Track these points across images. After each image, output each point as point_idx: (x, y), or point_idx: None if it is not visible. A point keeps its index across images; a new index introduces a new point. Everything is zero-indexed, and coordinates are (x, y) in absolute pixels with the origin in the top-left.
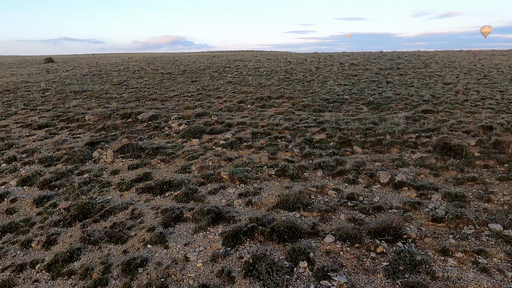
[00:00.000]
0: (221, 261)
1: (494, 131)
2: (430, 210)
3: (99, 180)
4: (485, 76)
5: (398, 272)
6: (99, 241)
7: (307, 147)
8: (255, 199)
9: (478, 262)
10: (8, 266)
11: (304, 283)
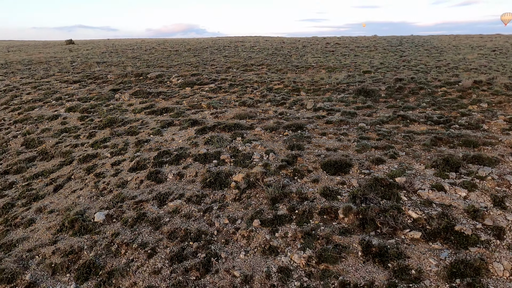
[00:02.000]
0: (192, 140)
1: (402, 81)
2: (327, 119)
3: (120, 108)
4: (441, 52)
5: (291, 140)
6: (121, 134)
7: (266, 92)
8: (220, 115)
9: (340, 138)
10: (68, 145)
11: (238, 144)
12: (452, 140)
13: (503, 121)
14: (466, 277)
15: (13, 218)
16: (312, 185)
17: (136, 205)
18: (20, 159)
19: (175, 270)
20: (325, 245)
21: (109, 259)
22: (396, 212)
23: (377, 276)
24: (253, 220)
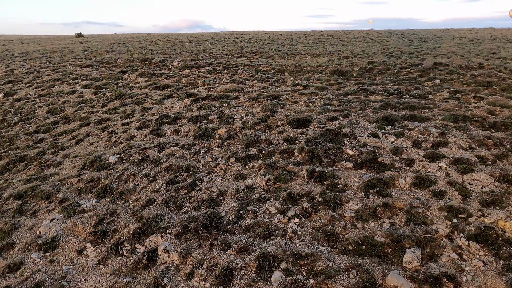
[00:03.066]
0: (188, 107)
1: (373, 64)
2: (301, 92)
3: (127, 85)
4: (422, 42)
5: (267, 105)
6: (129, 104)
7: (254, 73)
8: (213, 89)
9: (308, 105)
10: (85, 112)
11: (224, 109)
12: (398, 105)
13: (447, 93)
14: (377, 187)
15: (45, 161)
16: (278, 135)
17: (141, 151)
18: (47, 122)
19: (169, 189)
20: (281, 172)
21: (120, 184)
22: (337, 150)
23: (315, 189)
24: (230, 158)
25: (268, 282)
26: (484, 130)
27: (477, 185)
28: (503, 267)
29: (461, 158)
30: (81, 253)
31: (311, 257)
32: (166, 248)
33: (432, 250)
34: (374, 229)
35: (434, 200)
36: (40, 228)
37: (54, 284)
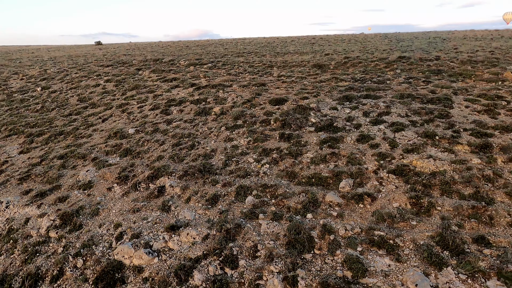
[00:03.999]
0: (191, 93)
1: (348, 59)
2: (284, 80)
3: (142, 79)
4: (399, 41)
5: (254, 90)
6: (143, 93)
7: (247, 68)
8: (212, 80)
9: (287, 89)
10: (108, 99)
11: (219, 94)
12: (359, 88)
13: (403, 79)
14: (329, 143)
15: (79, 134)
16: (259, 110)
17: (153, 125)
18: (78, 107)
19: (174, 149)
20: (259, 135)
21: (137, 147)
22: (303, 119)
23: (283, 145)
24: (221, 127)
25: (243, 202)
26: (422, 104)
27: (404, 139)
28: (408, 189)
29: (397, 122)
30: (110, 190)
31: (275, 187)
32: (171, 184)
33: (361, 180)
34: (322, 169)
35: (370, 150)
36: (79, 176)
37: (92, 208)
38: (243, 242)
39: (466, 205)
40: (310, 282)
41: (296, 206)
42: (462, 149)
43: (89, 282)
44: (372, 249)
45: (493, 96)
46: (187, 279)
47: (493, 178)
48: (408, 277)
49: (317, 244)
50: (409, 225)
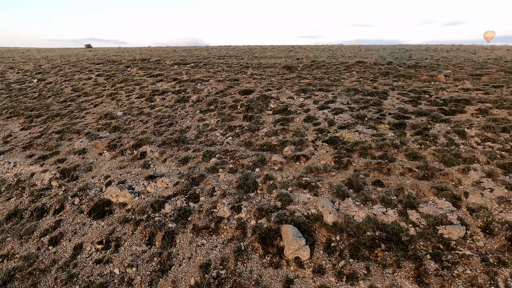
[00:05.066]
0: (173, 86)
1: (315, 62)
2: (255, 77)
3: (130, 74)
4: (367, 51)
5: (228, 84)
6: (131, 85)
7: (225, 67)
8: (192, 76)
9: (256, 84)
10: (99, 89)
11: (197, 86)
12: (316, 84)
13: (356, 78)
14: (282, 121)
15: (73, 116)
16: (230, 99)
17: (139, 109)
18: (72, 95)
19: (155, 126)
20: (227, 116)
21: (124, 125)
22: (264, 105)
23: (245, 124)
24: (196, 111)
25: (208, 162)
26: (363, 96)
27: (340, 120)
28: (335, 152)
29: (338, 108)
30: (101, 155)
31: (234, 151)
32: (152, 150)
33: (301, 147)
34: (273, 139)
35: (312, 126)
36: (74, 145)
37: (86, 166)
38: (204, 186)
39: (374, 162)
40: (250, 209)
41: (248, 164)
42: (383, 127)
43: (84, 213)
44: (299, 189)
45: (420, 91)
46: (159, 209)
47: (399, 145)
48: (320, 204)
49: (260, 186)
50: (330, 174)
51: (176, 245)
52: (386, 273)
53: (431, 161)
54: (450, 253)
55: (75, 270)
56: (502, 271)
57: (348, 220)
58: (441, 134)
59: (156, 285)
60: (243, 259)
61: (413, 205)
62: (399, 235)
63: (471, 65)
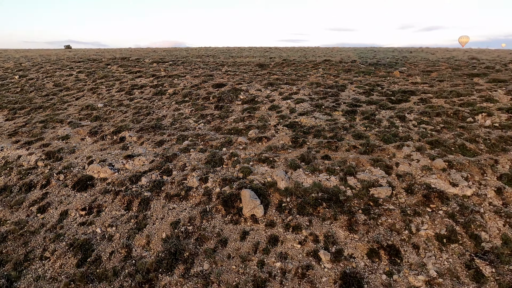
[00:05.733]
0: (151, 81)
1: (286, 61)
2: (229, 73)
3: (110, 71)
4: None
5: (203, 79)
6: (111, 80)
7: (202, 65)
8: (170, 72)
9: (229, 78)
10: (80, 85)
11: (174, 81)
12: (284, 79)
13: (320, 74)
14: (249, 110)
15: (56, 108)
16: (203, 92)
17: (118, 101)
18: (54, 90)
19: (134, 115)
20: (200, 106)
21: (105, 115)
22: (234, 97)
23: (216, 112)
24: (172, 102)
25: (181, 144)
26: (324, 89)
27: (300, 108)
28: (293, 134)
29: (300, 98)
30: (83, 140)
31: (205, 135)
32: (130, 135)
33: (264, 130)
34: (240, 125)
35: (276, 114)
36: (58, 132)
37: (70, 149)
38: (176, 162)
39: (325, 141)
40: (215, 179)
41: (217, 144)
42: (337, 113)
43: (69, 187)
44: (259, 163)
45: (375, 84)
46: (137, 182)
47: (348, 128)
48: (275, 173)
49: (225, 162)
50: (286, 152)
51: (151, 209)
52: (325, 224)
53: (373, 140)
54: (377, 208)
55: (61, 231)
56: (416, 219)
57: (298, 186)
58: (385, 118)
59: (133, 240)
60: (208, 218)
61: (352, 173)
62: (338, 195)
63: (425, 63)
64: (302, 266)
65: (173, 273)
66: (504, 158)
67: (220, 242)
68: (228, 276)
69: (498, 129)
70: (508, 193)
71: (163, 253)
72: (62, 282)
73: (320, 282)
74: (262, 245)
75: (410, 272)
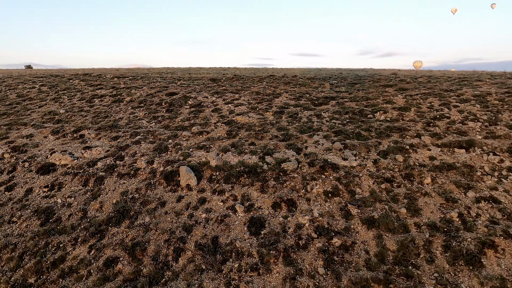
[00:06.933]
0: (110, 92)
1: (236, 76)
2: (183, 86)
3: (73, 85)
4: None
5: (155, 89)
6: (73, 92)
7: (160, 79)
8: (129, 85)
9: (181, 89)
10: (43, 96)
11: (132, 92)
12: (230, 89)
13: (263, 86)
14: (195, 112)
15: (20, 114)
16: (157, 99)
17: (79, 108)
18: (17, 100)
19: (93, 118)
20: (152, 110)
21: (66, 119)
22: (184, 102)
23: (167, 114)
24: (128, 108)
25: (134, 139)
26: (262, 96)
27: (239, 110)
28: (229, 129)
29: (240, 103)
30: (46, 137)
31: (155, 131)
32: (89, 133)
33: (206, 127)
34: (186, 123)
35: (217, 114)
36: (22, 132)
37: (34, 144)
38: (129, 151)
39: (254, 133)
40: (160, 161)
41: (164, 137)
42: (268, 114)
43: (33, 172)
44: (197, 150)
45: (305, 93)
46: (93, 165)
47: (274, 124)
48: (209, 155)
49: (170, 149)
50: (221, 141)
51: (104, 184)
52: (243, 189)
53: (292, 131)
54: (285, 176)
55: (27, 202)
56: (312, 182)
57: (226, 163)
58: (305, 116)
59: (88, 205)
60: (152, 188)
61: (269, 153)
62: (256, 169)
63: (353, 78)
64: (221, 215)
65: (120, 226)
66: (386, 140)
67: (159, 204)
68: (164, 224)
69: (388, 122)
70: (381, 162)
71: (113, 213)
72: (28, 236)
73: (233, 225)
74: (193, 204)
75: (300, 215)
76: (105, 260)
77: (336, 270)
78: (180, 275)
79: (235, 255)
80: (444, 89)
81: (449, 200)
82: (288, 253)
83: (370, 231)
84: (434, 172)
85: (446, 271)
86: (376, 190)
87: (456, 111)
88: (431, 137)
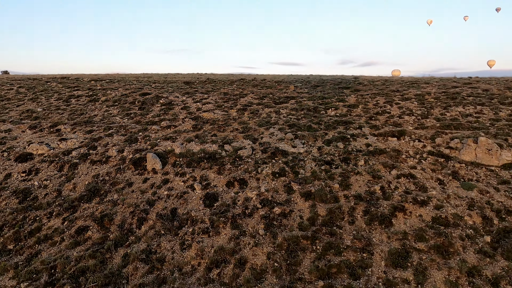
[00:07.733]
0: (87, 93)
1: (209, 79)
2: (157, 88)
3: (50, 87)
4: None
5: (134, 92)
6: (51, 93)
7: (136, 82)
8: (105, 87)
9: (159, 92)
10: (21, 97)
11: (107, 93)
12: (200, 90)
13: (233, 87)
14: (165, 109)
15: (5, 112)
16: (132, 99)
17: (56, 107)
18: None
19: (70, 115)
20: (126, 108)
21: (44, 115)
22: (156, 101)
23: (140, 112)
24: (103, 106)
25: (107, 132)
26: (229, 96)
27: (206, 107)
28: (195, 123)
29: (208, 102)
30: (24, 132)
31: (127, 126)
32: (65, 127)
33: (174, 122)
34: (156, 119)
35: (185, 111)
36: (1, 127)
37: (12, 137)
38: (101, 142)
39: (217, 126)
40: (130, 150)
41: (135, 131)
42: (232, 111)
43: (12, 160)
44: (164, 141)
45: (269, 93)
46: (68, 154)
47: (237, 119)
48: (174, 145)
49: (139, 140)
50: (187, 134)
51: (78, 169)
52: (203, 171)
53: (251, 125)
54: (240, 161)
55: (6, 185)
56: (263, 165)
57: (189, 151)
58: (265, 113)
59: (63, 186)
60: (121, 172)
61: (228, 143)
62: (215, 155)
63: (317, 81)
64: (181, 192)
65: (91, 202)
66: (332, 132)
67: (127, 184)
68: (130, 200)
69: (338, 117)
70: (324, 149)
71: (85, 192)
72: (7, 212)
73: (191, 199)
74: (157, 184)
75: (249, 190)
76: (76, 229)
77: (274, 231)
78: (142, 239)
79: (190, 222)
80: (393, 90)
81: (376, 177)
82: (235, 220)
83: (307, 202)
84: (368, 156)
85: (362, 229)
86: (317, 170)
87: (397, 107)
88: (370, 128)
